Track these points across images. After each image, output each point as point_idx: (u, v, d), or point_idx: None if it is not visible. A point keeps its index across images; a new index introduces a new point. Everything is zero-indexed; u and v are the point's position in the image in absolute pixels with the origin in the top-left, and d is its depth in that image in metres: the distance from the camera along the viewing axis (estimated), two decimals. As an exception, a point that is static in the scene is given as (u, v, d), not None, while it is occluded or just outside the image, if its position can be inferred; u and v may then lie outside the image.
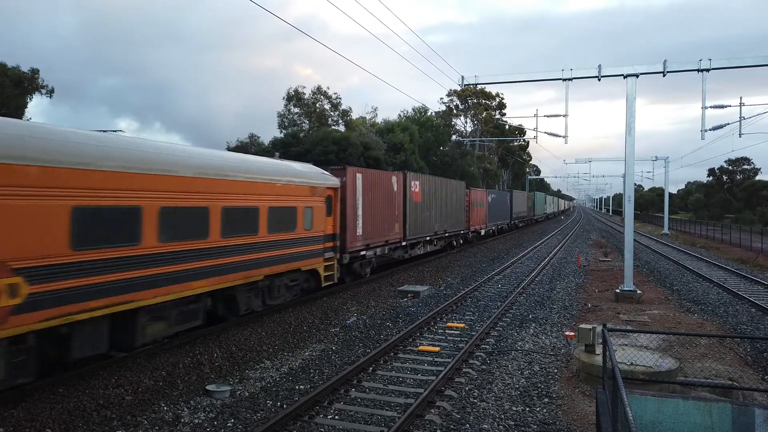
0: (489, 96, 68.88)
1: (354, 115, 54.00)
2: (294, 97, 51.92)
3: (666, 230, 55.99)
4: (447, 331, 13.04)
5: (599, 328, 8.68)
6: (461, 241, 33.83)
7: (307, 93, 52.12)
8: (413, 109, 60.09)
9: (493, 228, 42.32)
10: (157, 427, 7.64)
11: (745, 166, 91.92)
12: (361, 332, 13.01)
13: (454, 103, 68.37)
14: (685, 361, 10.56)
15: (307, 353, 11.31)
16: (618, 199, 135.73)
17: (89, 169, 8.27)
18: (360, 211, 18.27)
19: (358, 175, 18.35)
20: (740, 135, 21.32)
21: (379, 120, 56.94)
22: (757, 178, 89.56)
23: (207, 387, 9.09)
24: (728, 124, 23.98)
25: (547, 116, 23.00)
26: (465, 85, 18.86)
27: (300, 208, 13.95)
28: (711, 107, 19.14)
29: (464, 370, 10.14)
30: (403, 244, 22.73)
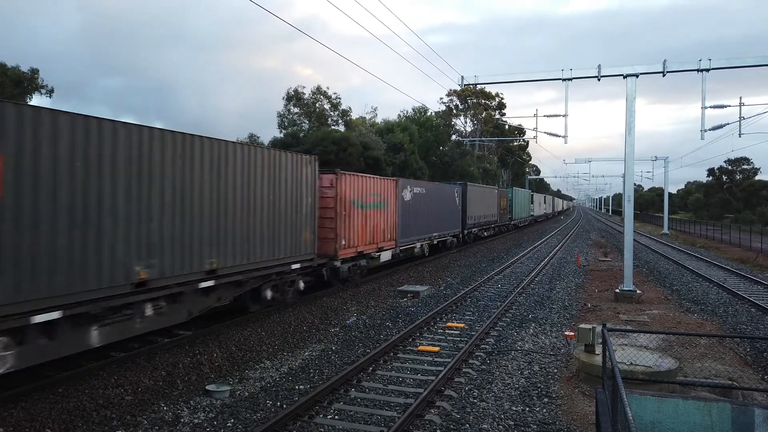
0: (489, 96, 68.89)
1: (354, 115, 54.04)
2: (294, 97, 51.93)
3: (666, 230, 56.02)
4: (447, 331, 13.04)
5: (599, 328, 8.68)
6: (287, 289, 14.66)
7: (307, 93, 52.15)
8: (413, 109, 60.14)
9: (422, 244, 25.12)
10: (156, 427, 7.63)
11: (745, 166, 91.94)
12: (360, 332, 13.01)
13: (454, 103, 68.43)
14: (684, 360, 10.56)
15: (306, 353, 11.30)
16: (618, 199, 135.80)
17: None
18: None
19: None
20: (740, 135, 21.31)
21: (378, 120, 56.98)
22: (757, 178, 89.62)
23: (207, 387, 9.09)
24: (728, 124, 23.96)
25: (547, 116, 23.00)
26: (465, 85, 18.86)
27: None
28: (711, 107, 19.13)
29: (464, 370, 10.14)
30: None
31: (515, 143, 77.71)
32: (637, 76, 16.71)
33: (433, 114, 62.63)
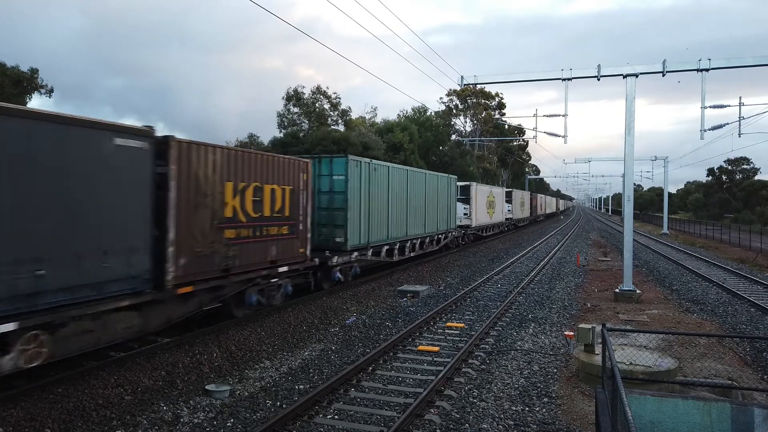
0: (488, 96, 68.89)
1: (354, 115, 54.02)
2: (293, 97, 51.89)
3: (665, 230, 56.06)
4: (446, 331, 13.04)
5: (598, 328, 8.68)
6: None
7: (307, 93, 52.11)
8: (413, 109, 60.12)
9: None
10: (156, 427, 7.63)
11: (745, 166, 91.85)
12: (360, 332, 13.01)
13: (454, 103, 68.42)
14: (684, 360, 10.57)
15: (306, 353, 11.30)
16: (617, 198, 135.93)
17: None
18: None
19: None
20: (740, 135, 21.34)
21: (378, 120, 56.99)
22: (757, 177, 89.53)
23: (206, 387, 9.09)
24: (727, 123, 23.96)
25: (547, 116, 23.02)
26: (464, 84, 18.88)
27: None
28: (710, 107, 19.13)
29: (464, 369, 10.14)
30: None
31: (515, 143, 77.71)
32: (636, 76, 16.72)
33: (433, 114, 62.65)
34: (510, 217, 49.10)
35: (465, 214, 33.87)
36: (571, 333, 11.71)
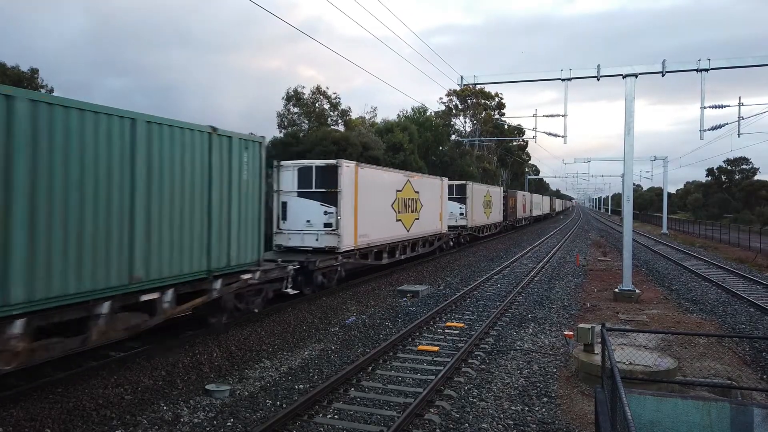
0: (488, 96, 68.91)
1: (354, 115, 54.02)
2: (293, 97, 51.88)
3: (665, 230, 56.11)
4: (446, 331, 13.05)
5: (598, 328, 8.69)
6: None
7: (307, 93, 52.10)
8: (413, 109, 60.10)
9: None
10: (156, 427, 7.64)
11: (744, 166, 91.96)
12: (360, 332, 13.02)
13: (454, 103, 68.43)
14: (683, 360, 10.57)
15: (306, 353, 11.31)
16: (617, 198, 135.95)
17: None
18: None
19: None
20: (739, 135, 21.36)
21: (378, 120, 56.98)
22: (756, 177, 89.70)
23: (206, 386, 9.10)
24: (727, 124, 23.99)
25: (546, 116, 23.04)
26: (464, 84, 18.89)
27: None
28: (710, 107, 19.14)
29: (463, 369, 10.15)
30: None
31: (514, 143, 77.72)
32: (636, 76, 16.73)
33: (433, 114, 62.64)
34: (463, 224, 33.89)
35: (328, 224, 17.42)
36: (571, 333, 11.72)
